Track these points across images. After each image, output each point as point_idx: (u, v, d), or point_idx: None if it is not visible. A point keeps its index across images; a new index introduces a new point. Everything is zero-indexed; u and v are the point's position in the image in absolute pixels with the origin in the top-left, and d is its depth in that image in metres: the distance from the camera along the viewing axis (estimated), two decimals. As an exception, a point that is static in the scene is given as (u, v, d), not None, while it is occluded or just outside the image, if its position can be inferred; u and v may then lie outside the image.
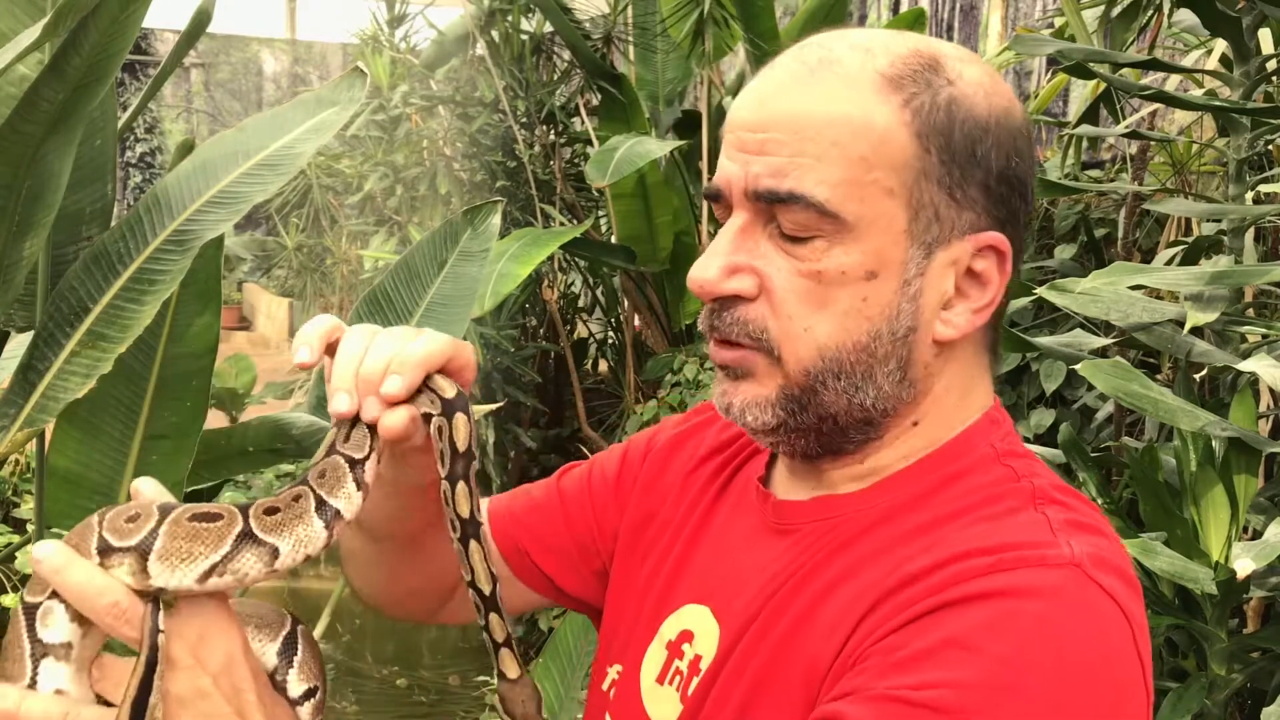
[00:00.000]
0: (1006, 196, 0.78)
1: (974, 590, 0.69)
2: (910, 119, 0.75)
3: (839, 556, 0.78)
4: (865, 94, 0.75)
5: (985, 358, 0.83)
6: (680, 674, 0.85)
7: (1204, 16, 2.14)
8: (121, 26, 1.27)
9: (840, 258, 0.75)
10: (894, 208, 0.75)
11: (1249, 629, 2.40)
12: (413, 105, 5.58)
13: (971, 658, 0.67)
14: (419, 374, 0.75)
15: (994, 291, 0.78)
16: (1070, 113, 4.43)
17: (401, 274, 1.84)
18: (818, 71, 0.77)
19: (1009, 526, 0.74)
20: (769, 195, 0.76)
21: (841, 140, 0.74)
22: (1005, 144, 0.77)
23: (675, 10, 4.91)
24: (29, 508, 4.84)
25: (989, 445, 0.81)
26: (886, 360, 0.77)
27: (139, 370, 1.60)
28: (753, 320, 0.78)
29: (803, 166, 0.74)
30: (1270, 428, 2.77)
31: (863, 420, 0.79)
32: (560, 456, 6.16)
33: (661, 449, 1.01)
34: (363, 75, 1.62)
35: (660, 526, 0.96)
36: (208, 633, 0.70)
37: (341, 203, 6.40)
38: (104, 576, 0.69)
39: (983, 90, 0.77)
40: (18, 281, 1.46)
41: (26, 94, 1.26)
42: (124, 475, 1.62)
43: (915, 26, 5.17)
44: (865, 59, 0.77)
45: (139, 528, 0.70)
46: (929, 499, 0.78)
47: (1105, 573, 0.71)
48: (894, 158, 0.75)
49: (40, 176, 1.38)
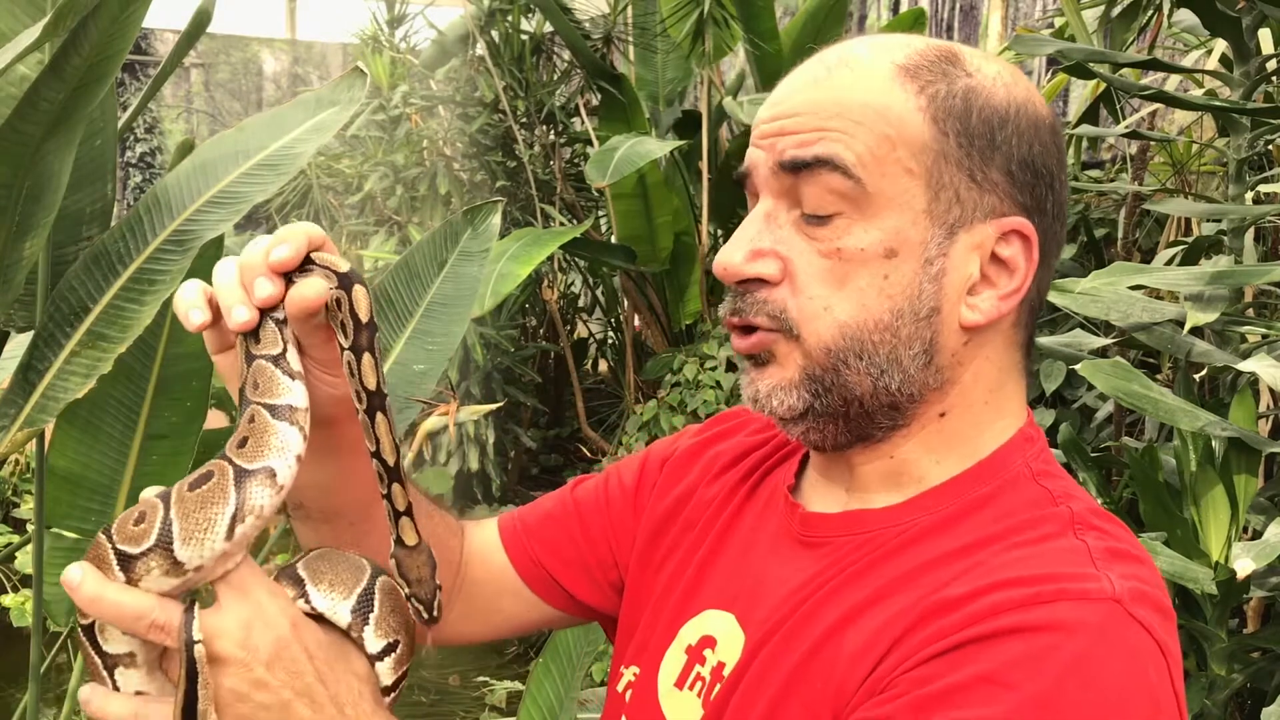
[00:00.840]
0: (1031, 184, 0.78)
1: (1011, 624, 0.68)
2: (926, 104, 0.76)
3: (870, 574, 0.77)
4: (882, 82, 0.77)
5: (1017, 355, 0.82)
6: (702, 680, 0.84)
7: (1204, 16, 2.13)
8: (121, 26, 1.27)
9: (860, 235, 0.76)
10: (914, 186, 0.76)
11: (1249, 629, 2.40)
12: (413, 105, 5.58)
13: (1005, 695, 0.65)
14: (303, 240, 0.74)
15: (1022, 278, 0.78)
16: (1070, 113, 4.43)
17: (401, 274, 1.84)
18: (836, 69, 0.79)
19: (1048, 554, 0.72)
20: (794, 163, 0.77)
21: (865, 120, 0.76)
22: (1026, 132, 0.78)
23: (675, 10, 4.91)
24: (29, 508, 4.84)
25: (1025, 465, 0.80)
26: (910, 342, 0.77)
27: (139, 370, 1.60)
28: (774, 301, 0.78)
29: (829, 136, 0.76)
30: (1270, 428, 2.77)
31: (889, 405, 0.79)
32: (560, 456, 6.16)
33: (681, 455, 1.00)
34: (363, 75, 1.61)
35: (681, 531, 0.95)
36: (252, 621, 0.70)
37: (341, 203, 6.40)
38: (134, 597, 0.69)
39: (1001, 82, 0.79)
40: (18, 281, 1.46)
41: (26, 94, 1.26)
42: (124, 475, 1.61)
43: (915, 26, 5.16)
44: (882, 54, 0.79)
45: (150, 526, 0.69)
46: (963, 520, 0.77)
47: (1145, 607, 0.70)
48: (912, 140, 0.76)
49: (40, 176, 1.38)
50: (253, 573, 0.72)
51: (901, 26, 5.18)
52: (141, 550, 0.69)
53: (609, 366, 6.35)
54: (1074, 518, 0.76)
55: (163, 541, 0.68)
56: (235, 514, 0.69)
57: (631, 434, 4.93)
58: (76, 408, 1.48)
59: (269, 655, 0.70)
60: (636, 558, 0.98)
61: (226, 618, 0.70)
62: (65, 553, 1.63)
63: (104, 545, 0.70)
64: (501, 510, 4.91)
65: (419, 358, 1.80)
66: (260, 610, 0.70)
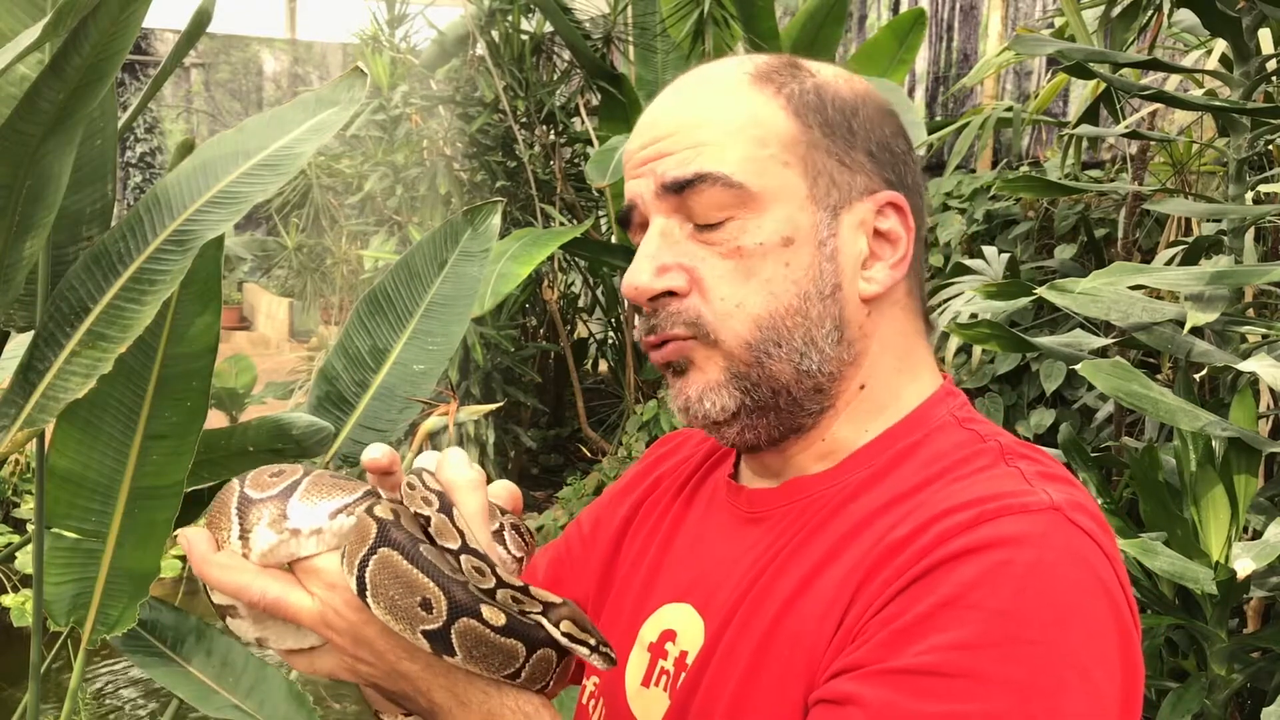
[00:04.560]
0: (892, 163, 0.84)
1: (961, 546, 0.70)
2: (785, 103, 0.82)
3: (817, 536, 0.79)
4: (742, 90, 0.82)
5: (918, 322, 0.87)
6: (666, 673, 0.85)
7: (1204, 16, 2.13)
8: (121, 26, 1.27)
9: (755, 231, 0.80)
10: (793, 177, 0.81)
11: (1249, 629, 2.40)
12: (413, 105, 5.58)
13: (969, 615, 0.67)
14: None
15: (905, 246, 0.83)
16: (1070, 113, 4.43)
17: (401, 274, 1.84)
18: (695, 86, 0.84)
19: (985, 481, 0.75)
20: (676, 184, 0.81)
21: (733, 127, 0.81)
22: (875, 117, 0.84)
23: (675, 10, 4.91)
24: (29, 508, 4.84)
25: (948, 414, 0.84)
26: (821, 321, 0.81)
27: (139, 370, 1.60)
28: (686, 310, 0.82)
29: (704, 152, 0.80)
30: (1270, 428, 2.77)
31: (813, 388, 0.82)
32: (560, 456, 6.16)
33: (625, 485, 1.04)
34: (363, 75, 1.61)
35: (627, 547, 0.98)
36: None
37: (341, 203, 6.40)
38: (232, 577, 0.76)
39: (842, 78, 0.85)
40: (18, 281, 1.46)
41: (26, 94, 1.26)
42: (124, 475, 1.61)
43: (915, 26, 5.16)
44: (735, 66, 0.84)
45: (283, 478, 0.78)
46: (896, 468, 0.80)
47: (1083, 516, 0.73)
48: (782, 135, 0.81)
49: (40, 176, 1.38)
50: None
51: (901, 26, 5.17)
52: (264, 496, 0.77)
53: (609, 366, 6.35)
54: (1004, 449, 0.80)
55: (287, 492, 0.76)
56: (349, 505, 0.75)
57: (631, 434, 4.93)
58: (76, 408, 1.48)
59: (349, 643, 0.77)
60: (595, 583, 1.01)
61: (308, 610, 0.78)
62: (65, 553, 1.63)
63: (233, 487, 0.78)
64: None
65: (419, 358, 1.81)
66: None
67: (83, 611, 1.65)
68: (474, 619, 0.72)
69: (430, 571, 0.72)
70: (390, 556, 0.72)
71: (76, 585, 1.64)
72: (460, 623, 0.72)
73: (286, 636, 0.80)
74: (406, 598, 0.71)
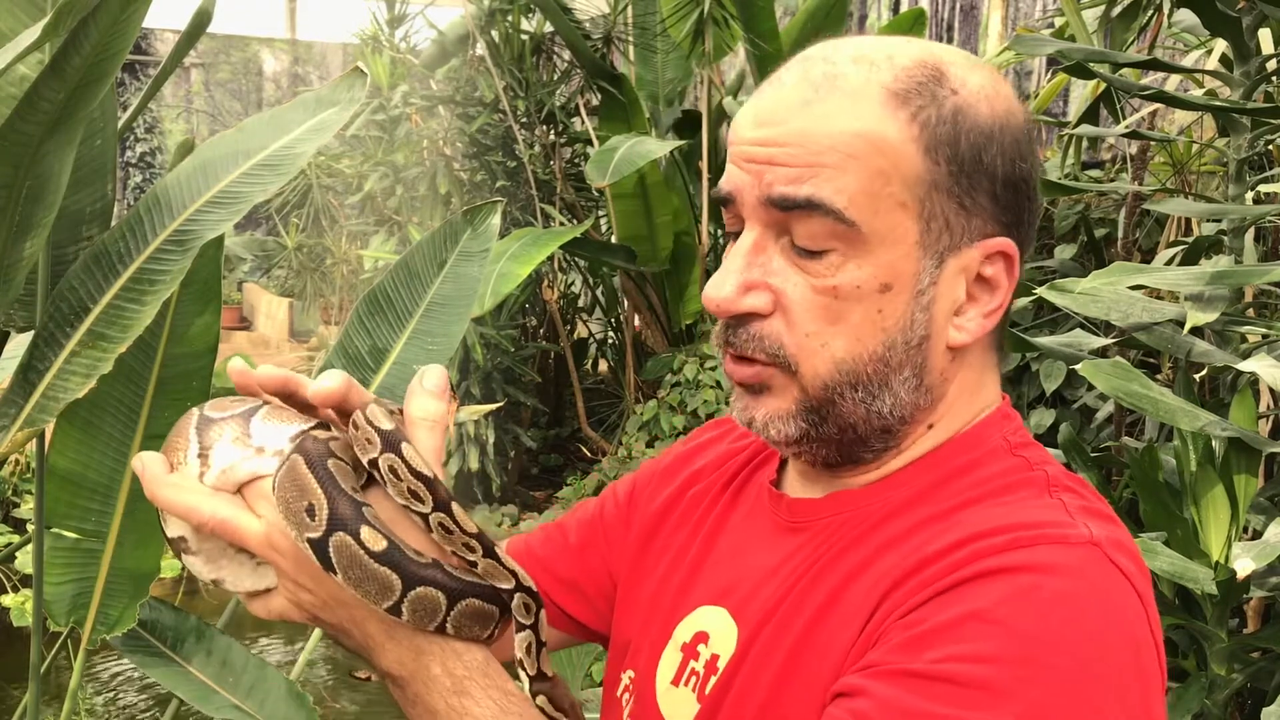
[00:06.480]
0: (1013, 201, 0.79)
1: (993, 565, 0.69)
2: (918, 133, 0.76)
3: (855, 549, 0.79)
4: (873, 109, 0.76)
5: (994, 356, 0.85)
6: (696, 674, 0.85)
7: (1204, 16, 2.13)
8: (121, 26, 1.27)
9: (854, 272, 0.76)
10: (906, 220, 0.76)
11: (1249, 629, 2.40)
12: (413, 105, 5.58)
13: (992, 631, 0.67)
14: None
15: (1003, 295, 0.79)
16: (1070, 113, 4.43)
17: (401, 274, 1.84)
18: (823, 88, 0.77)
19: (1026, 508, 0.75)
20: (784, 202, 0.76)
21: (857, 153, 0.75)
22: (1009, 149, 0.78)
23: (675, 10, 4.91)
24: (29, 508, 4.84)
25: (1001, 438, 0.82)
26: (901, 369, 0.78)
27: (139, 370, 1.60)
28: (769, 336, 0.79)
29: (820, 174, 0.75)
30: (1270, 428, 2.77)
31: (881, 429, 0.80)
32: (560, 456, 6.16)
33: (669, 466, 1.02)
34: (363, 75, 1.62)
35: (668, 537, 0.97)
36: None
37: (341, 203, 6.40)
38: (183, 498, 0.75)
39: (985, 97, 0.78)
40: (18, 281, 1.46)
41: (26, 94, 1.26)
42: (124, 475, 1.62)
43: (915, 26, 5.17)
44: (870, 73, 0.77)
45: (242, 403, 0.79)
46: (942, 488, 0.79)
47: (1122, 555, 0.72)
48: (906, 174, 0.75)
49: (40, 176, 1.38)
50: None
51: (901, 26, 5.17)
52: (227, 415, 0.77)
53: (609, 366, 6.35)
54: (1050, 480, 0.78)
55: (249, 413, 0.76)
56: (309, 428, 0.76)
57: (631, 434, 4.94)
58: (76, 408, 1.48)
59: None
60: (629, 567, 0.99)
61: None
62: (65, 553, 1.63)
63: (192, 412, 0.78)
64: (501, 510, 4.91)
65: (419, 358, 1.80)
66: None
67: (83, 611, 1.65)
68: (350, 536, 0.71)
69: (323, 480, 0.71)
70: (296, 462, 0.72)
71: (76, 585, 1.64)
72: (337, 536, 0.71)
73: (243, 577, 0.79)
74: (297, 501, 0.71)
